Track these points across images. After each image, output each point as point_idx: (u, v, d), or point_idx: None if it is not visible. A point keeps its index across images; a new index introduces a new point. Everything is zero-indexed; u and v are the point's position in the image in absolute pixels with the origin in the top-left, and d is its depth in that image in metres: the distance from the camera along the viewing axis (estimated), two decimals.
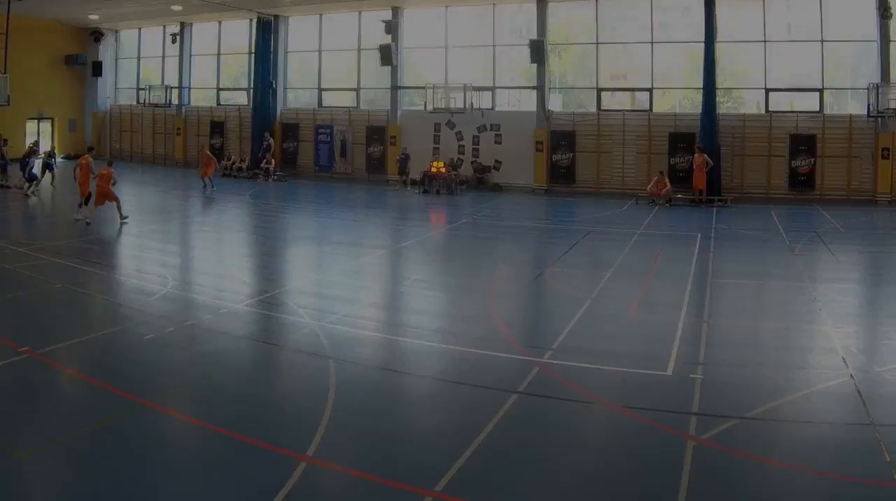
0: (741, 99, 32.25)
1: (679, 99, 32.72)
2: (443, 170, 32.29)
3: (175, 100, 41.49)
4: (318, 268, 17.68)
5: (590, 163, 32.50)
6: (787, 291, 15.00)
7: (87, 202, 21.61)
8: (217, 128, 40.49)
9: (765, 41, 30.33)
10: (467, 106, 33.06)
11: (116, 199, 21.46)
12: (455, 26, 35.06)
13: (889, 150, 28.36)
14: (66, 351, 10.47)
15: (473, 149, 34.52)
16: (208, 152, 32.07)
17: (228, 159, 37.46)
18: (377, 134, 36.12)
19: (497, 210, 27.67)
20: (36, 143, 31.31)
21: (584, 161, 32.63)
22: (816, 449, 7.81)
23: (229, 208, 26.74)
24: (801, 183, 29.41)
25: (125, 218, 21.46)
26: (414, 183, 33.20)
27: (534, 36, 32.74)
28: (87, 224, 20.91)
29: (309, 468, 7.14)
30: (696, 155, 29.05)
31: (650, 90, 32.10)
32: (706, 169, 28.47)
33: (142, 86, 42.79)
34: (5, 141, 29.72)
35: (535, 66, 32.97)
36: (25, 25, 36.89)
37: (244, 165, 36.49)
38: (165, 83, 41.86)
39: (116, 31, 44.87)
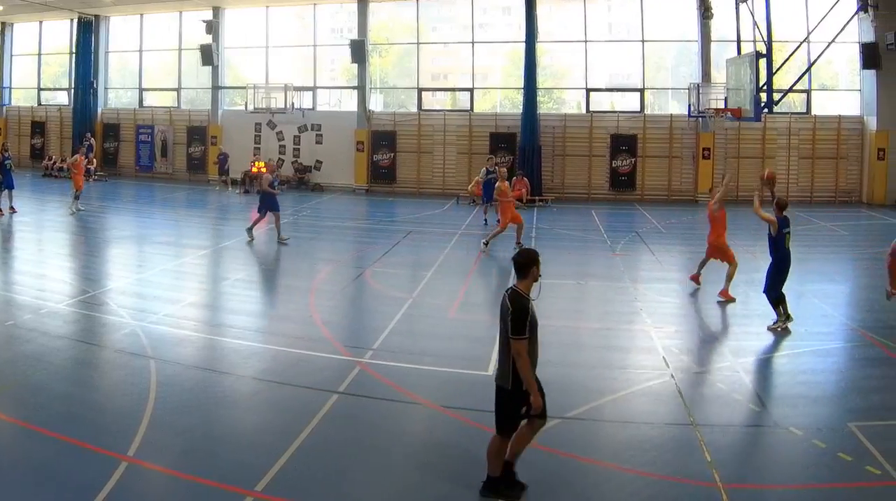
0: (562, 99, 27.23)
1: (500, 99, 26.94)
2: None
3: None
4: (139, 268, 15.03)
5: (411, 162, 28.01)
6: (608, 291, 13.04)
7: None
8: (38, 128, 34.46)
9: (585, 41, 25.56)
10: (288, 106, 27.99)
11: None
12: (276, 26, 30.05)
13: (710, 150, 23.81)
14: None
15: (294, 149, 29.54)
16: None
17: (49, 159, 31.97)
18: (198, 134, 30.93)
19: (318, 210, 23.54)
20: None
21: (404, 161, 28.18)
22: (637, 449, 6.61)
23: (50, 208, 22.52)
24: (622, 183, 24.19)
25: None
26: (235, 183, 27.97)
27: (355, 36, 27.99)
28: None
29: (129, 468, 6.04)
30: (516, 177, 22.40)
31: (471, 90, 27.24)
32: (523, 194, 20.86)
33: None
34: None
35: (356, 65, 28.29)
36: None
37: (65, 165, 30.20)
38: None
39: None
